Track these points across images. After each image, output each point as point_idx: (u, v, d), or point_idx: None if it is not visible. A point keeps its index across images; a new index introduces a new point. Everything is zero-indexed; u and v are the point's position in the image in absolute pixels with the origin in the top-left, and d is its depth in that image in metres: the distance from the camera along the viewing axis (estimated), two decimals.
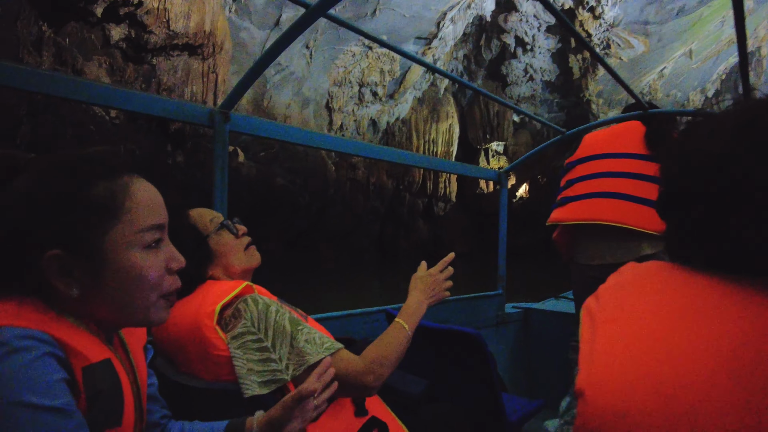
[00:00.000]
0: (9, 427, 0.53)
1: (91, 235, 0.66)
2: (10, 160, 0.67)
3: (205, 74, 11.83)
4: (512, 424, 1.68)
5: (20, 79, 1.28)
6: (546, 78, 23.45)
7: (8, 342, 0.56)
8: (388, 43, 1.81)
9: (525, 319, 3.07)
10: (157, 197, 0.74)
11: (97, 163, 0.69)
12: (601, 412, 0.52)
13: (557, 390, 2.61)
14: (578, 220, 2.09)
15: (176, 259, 0.76)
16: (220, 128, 1.67)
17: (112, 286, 0.68)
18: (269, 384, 1.03)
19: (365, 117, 21.21)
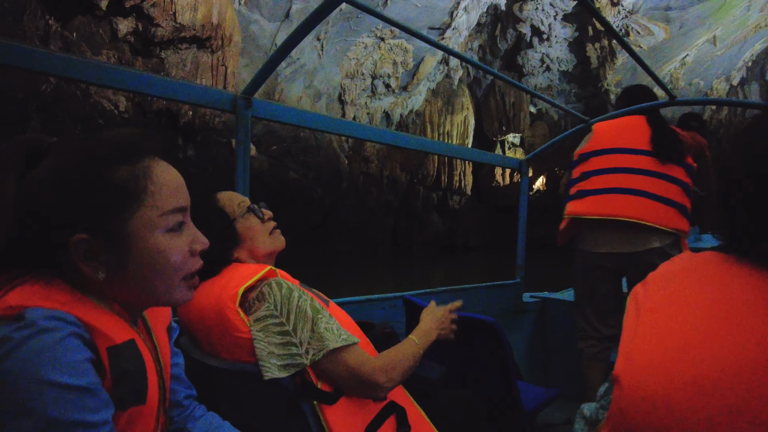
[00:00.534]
0: (35, 405, 0.53)
1: (115, 219, 0.67)
2: (35, 145, 0.67)
3: (215, 67, 11.73)
4: (528, 413, 1.69)
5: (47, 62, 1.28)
6: (563, 68, 22.93)
7: (35, 322, 0.57)
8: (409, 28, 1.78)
9: (543, 309, 3.07)
10: (179, 180, 0.74)
11: (118, 146, 0.69)
12: (637, 400, 0.52)
13: (574, 379, 2.51)
14: (599, 215, 2.12)
15: (199, 240, 0.76)
16: (242, 113, 1.67)
17: (137, 269, 0.69)
18: (288, 368, 1.04)
19: (378, 109, 20.98)
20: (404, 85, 20.91)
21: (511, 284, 2.94)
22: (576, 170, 2.29)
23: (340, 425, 1.07)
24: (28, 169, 0.66)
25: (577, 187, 2.23)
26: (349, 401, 1.11)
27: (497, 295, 2.84)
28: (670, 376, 0.50)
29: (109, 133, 0.72)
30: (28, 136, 0.69)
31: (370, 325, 1.43)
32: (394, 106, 21.59)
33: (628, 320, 0.60)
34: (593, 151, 2.23)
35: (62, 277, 0.66)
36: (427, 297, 2.44)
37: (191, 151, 12.92)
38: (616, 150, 2.17)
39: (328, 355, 1.06)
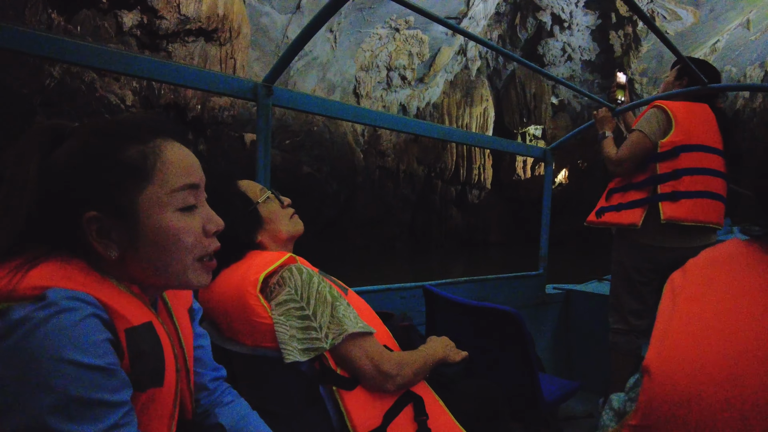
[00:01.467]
0: (56, 383, 0.54)
1: (125, 196, 0.68)
2: (57, 129, 0.70)
3: (223, 60, 11.58)
4: (548, 404, 1.68)
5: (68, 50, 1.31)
6: (585, 57, 22.17)
7: (56, 302, 0.58)
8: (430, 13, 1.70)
9: (566, 301, 3.04)
10: (190, 158, 0.74)
11: (129, 126, 0.71)
12: (667, 392, 0.51)
13: (596, 372, 2.58)
14: (695, 222, 2.09)
15: (213, 221, 0.76)
16: (263, 102, 1.68)
17: (149, 248, 0.69)
18: (308, 351, 1.05)
19: (394, 102, 20.64)
20: (421, 77, 20.51)
21: (533, 275, 2.91)
22: (664, 165, 2.13)
23: (359, 411, 1.08)
24: (51, 151, 0.68)
25: (670, 187, 2.11)
26: (366, 390, 1.11)
27: (520, 286, 2.82)
28: (705, 371, 0.49)
29: (125, 114, 0.75)
30: (53, 122, 0.71)
31: (388, 315, 1.43)
32: (411, 99, 21.21)
33: (664, 308, 0.58)
34: (683, 145, 2.12)
35: (80, 257, 0.67)
36: (447, 287, 2.43)
37: (202, 145, 12.86)
38: (703, 148, 2.12)
39: (346, 340, 1.07)
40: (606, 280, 3.22)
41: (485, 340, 1.65)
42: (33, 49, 1.28)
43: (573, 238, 24.23)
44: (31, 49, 1.28)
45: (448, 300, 1.71)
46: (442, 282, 2.39)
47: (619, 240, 2.32)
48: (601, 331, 2.42)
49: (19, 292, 0.59)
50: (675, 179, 2.11)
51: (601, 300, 2.83)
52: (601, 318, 2.47)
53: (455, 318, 1.74)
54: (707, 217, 2.09)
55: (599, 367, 2.46)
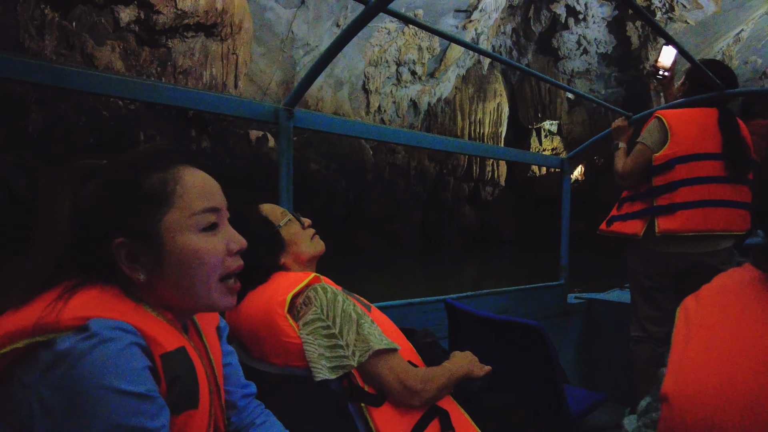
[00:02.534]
0: (101, 411, 0.57)
1: (148, 222, 0.72)
2: (88, 167, 0.75)
3: (225, 56, 11.37)
4: (574, 416, 1.66)
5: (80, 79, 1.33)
6: (601, 50, 21.40)
7: (99, 333, 0.61)
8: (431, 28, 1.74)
9: (588, 310, 3.01)
10: (209, 182, 0.78)
11: (150, 157, 0.76)
12: (688, 422, 0.50)
13: (621, 383, 2.61)
14: (695, 231, 2.10)
15: (236, 240, 0.79)
16: (284, 124, 1.71)
17: (174, 269, 0.72)
18: (337, 369, 1.07)
19: (404, 98, 20.28)
20: (431, 72, 20.10)
21: (555, 286, 2.88)
22: (659, 178, 2.17)
23: (387, 427, 1.09)
24: (82, 187, 0.73)
25: (665, 200, 2.15)
26: (393, 404, 1.12)
27: (541, 297, 2.79)
28: (723, 399, 0.48)
29: (147, 146, 0.81)
30: (84, 161, 0.76)
31: (411, 331, 1.45)
32: (422, 94, 20.81)
33: (678, 334, 0.58)
34: (678, 157, 2.13)
35: (114, 283, 0.71)
36: (469, 300, 2.43)
37: (206, 142, 12.68)
38: (699, 156, 2.10)
39: (373, 357, 1.09)
40: (628, 288, 3.12)
41: (509, 354, 1.65)
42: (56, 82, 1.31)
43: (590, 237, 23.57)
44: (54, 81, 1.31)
45: (471, 314, 1.71)
46: (464, 295, 2.40)
47: (628, 247, 2.33)
48: (625, 340, 2.40)
49: (62, 323, 0.61)
50: (671, 191, 2.13)
51: (623, 309, 2.80)
52: (625, 327, 2.49)
53: (478, 332, 1.74)
54: (707, 225, 2.08)
55: (625, 377, 2.44)
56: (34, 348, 0.61)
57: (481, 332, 1.72)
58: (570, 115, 24.73)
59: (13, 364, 0.61)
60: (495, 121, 24.44)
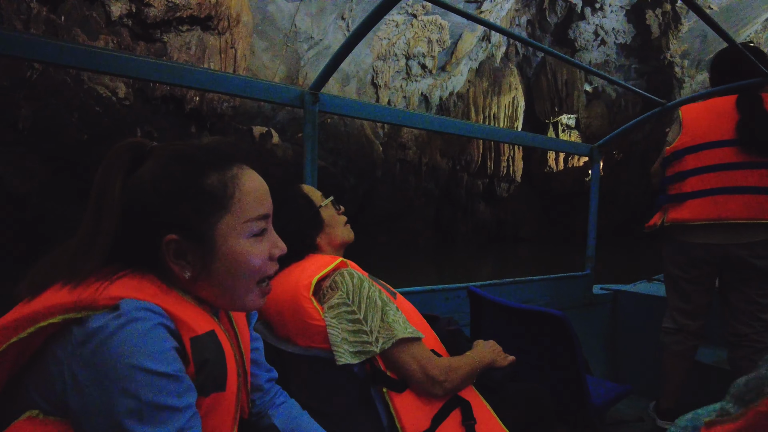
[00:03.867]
0: (129, 387, 0.58)
1: (204, 223, 0.71)
2: (138, 148, 0.73)
3: (223, 50, 11.16)
4: (597, 408, 1.67)
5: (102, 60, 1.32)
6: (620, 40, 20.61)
7: (127, 312, 0.62)
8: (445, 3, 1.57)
9: (614, 302, 3.00)
10: (263, 187, 0.78)
11: (209, 154, 0.74)
12: None
13: (647, 376, 2.63)
14: (703, 220, 2.05)
15: (279, 246, 0.80)
16: (309, 109, 1.73)
17: (220, 271, 0.73)
18: (359, 354, 1.08)
19: (415, 92, 19.87)
20: (442, 65, 19.64)
21: (580, 276, 2.86)
22: (670, 169, 2.18)
23: (408, 413, 1.10)
24: (132, 170, 0.71)
25: (675, 189, 2.15)
26: (414, 393, 1.13)
27: (565, 287, 2.79)
28: None
29: (201, 140, 0.77)
30: (132, 140, 0.74)
31: (434, 318, 1.45)
32: (433, 89, 20.38)
33: None
34: (686, 148, 2.11)
35: (155, 273, 0.71)
36: (493, 289, 2.40)
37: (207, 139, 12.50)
38: (709, 145, 2.05)
39: (397, 345, 1.10)
40: (656, 281, 3.14)
41: (532, 343, 1.63)
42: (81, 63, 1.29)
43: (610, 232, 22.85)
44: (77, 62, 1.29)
45: (494, 302, 1.69)
46: (487, 283, 2.38)
47: (660, 237, 2.32)
48: (651, 333, 2.37)
49: (97, 302, 0.63)
50: (680, 181, 2.12)
51: (650, 301, 2.78)
52: (651, 320, 2.42)
53: (501, 320, 1.73)
54: (722, 213, 2.00)
55: (650, 370, 2.44)
56: (69, 324, 0.62)
57: (504, 321, 1.71)
58: (588, 108, 23.96)
59: (50, 338, 0.64)
60: (510, 116, 23.85)
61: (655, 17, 18.62)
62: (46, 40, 1.26)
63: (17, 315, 0.64)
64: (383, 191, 20.09)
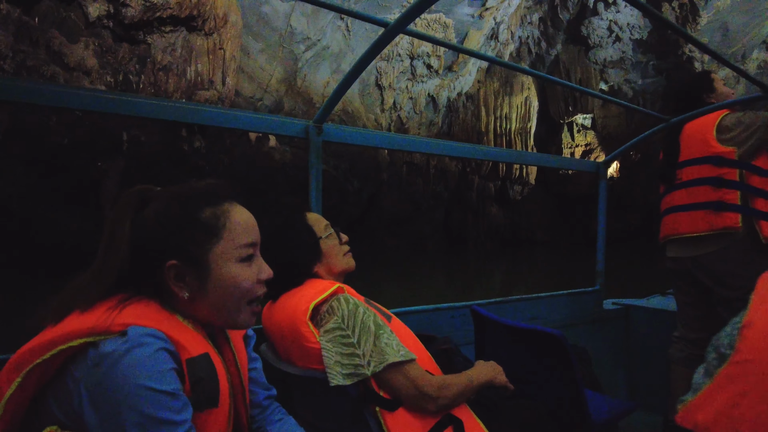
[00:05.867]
0: (136, 403, 0.68)
1: (200, 249, 0.82)
2: (145, 193, 0.86)
3: (211, 51, 10.91)
4: (599, 425, 1.68)
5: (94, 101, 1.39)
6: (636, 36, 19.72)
7: (134, 338, 0.71)
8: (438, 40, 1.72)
9: (626, 317, 2.96)
10: (251, 220, 0.90)
11: (205, 193, 0.87)
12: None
13: (659, 392, 2.57)
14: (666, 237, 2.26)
15: (265, 270, 0.91)
16: (314, 140, 1.81)
17: (214, 291, 0.83)
18: (352, 377, 1.13)
19: (422, 93, 19.41)
20: (449, 65, 19.14)
21: (590, 292, 2.84)
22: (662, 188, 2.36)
23: (400, 431, 1.13)
24: (139, 210, 0.83)
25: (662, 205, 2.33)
26: (409, 410, 1.16)
27: (575, 303, 2.78)
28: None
29: (198, 182, 0.89)
30: (141, 187, 0.86)
31: (431, 338, 1.50)
32: (440, 89, 19.88)
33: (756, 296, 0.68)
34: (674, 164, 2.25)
35: (156, 299, 0.81)
36: (498, 306, 2.42)
37: (199, 142, 12.30)
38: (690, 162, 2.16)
39: (387, 368, 1.14)
40: (670, 294, 3.07)
41: (533, 362, 1.65)
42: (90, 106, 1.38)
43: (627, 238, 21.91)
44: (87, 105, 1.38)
45: (495, 321, 1.72)
46: (492, 301, 2.40)
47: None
48: (664, 348, 2.40)
49: (109, 328, 0.72)
50: (663, 198, 2.31)
51: (664, 316, 2.76)
52: (665, 335, 2.46)
53: (502, 339, 1.75)
54: (671, 231, 2.19)
55: (663, 387, 2.43)
56: (86, 347, 0.72)
57: (505, 339, 1.73)
58: (604, 108, 23.08)
59: (68, 359, 0.72)
60: (523, 116, 23.17)
61: (671, 10, 17.71)
62: (68, 89, 1.35)
63: (43, 339, 0.73)
64: (389, 194, 19.66)
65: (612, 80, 21.95)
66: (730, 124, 2.07)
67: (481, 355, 1.78)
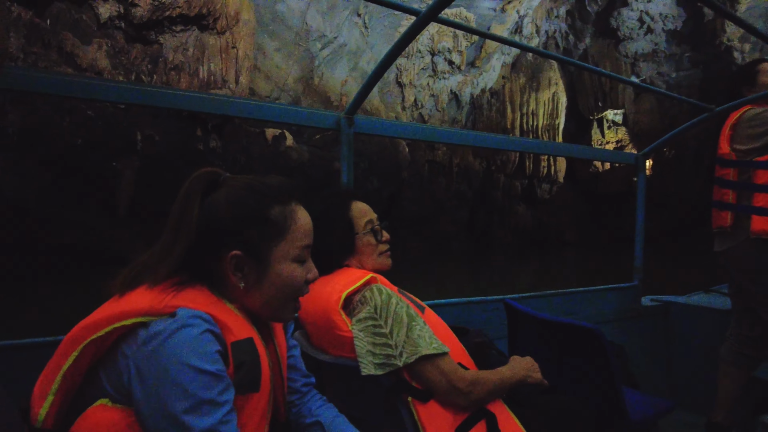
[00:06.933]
0: (178, 380, 0.70)
1: (265, 245, 0.86)
2: (214, 176, 0.88)
3: (224, 50, 10.88)
4: (636, 423, 1.65)
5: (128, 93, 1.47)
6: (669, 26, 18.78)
7: (181, 319, 0.74)
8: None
9: (665, 314, 2.93)
10: (310, 223, 0.93)
11: (276, 190, 0.88)
12: None
13: (701, 392, 2.61)
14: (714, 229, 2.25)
15: (313, 271, 0.94)
16: (345, 132, 1.83)
17: (268, 286, 0.87)
18: (383, 366, 1.13)
19: (444, 90, 19.04)
20: (471, 61, 18.70)
21: (627, 287, 2.82)
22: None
23: (432, 422, 1.13)
24: (207, 194, 0.85)
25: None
26: (439, 404, 1.15)
27: (612, 299, 2.75)
28: None
29: (269, 178, 0.91)
30: (208, 170, 0.89)
31: (463, 330, 1.50)
32: (463, 86, 19.46)
33: None
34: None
35: (208, 284, 0.84)
36: (533, 301, 2.41)
37: (215, 142, 12.31)
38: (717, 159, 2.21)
39: (420, 360, 1.14)
40: (714, 292, 2.99)
41: (567, 357, 1.62)
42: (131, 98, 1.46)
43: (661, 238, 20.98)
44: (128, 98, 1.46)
45: (529, 315, 1.69)
46: (527, 295, 2.41)
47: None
48: (708, 347, 2.37)
49: (160, 310, 0.76)
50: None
51: (707, 314, 2.71)
52: (709, 333, 2.42)
53: (536, 333, 1.72)
54: (714, 224, 2.20)
55: (705, 386, 2.42)
56: (137, 327, 0.75)
57: (539, 334, 1.71)
58: (636, 103, 22.15)
59: (120, 338, 0.76)
60: (551, 112, 22.51)
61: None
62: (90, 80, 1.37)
63: (97, 317, 0.77)
64: (410, 193, 19.36)
65: (644, 74, 21.02)
66: (749, 117, 2.08)
67: (514, 350, 1.76)
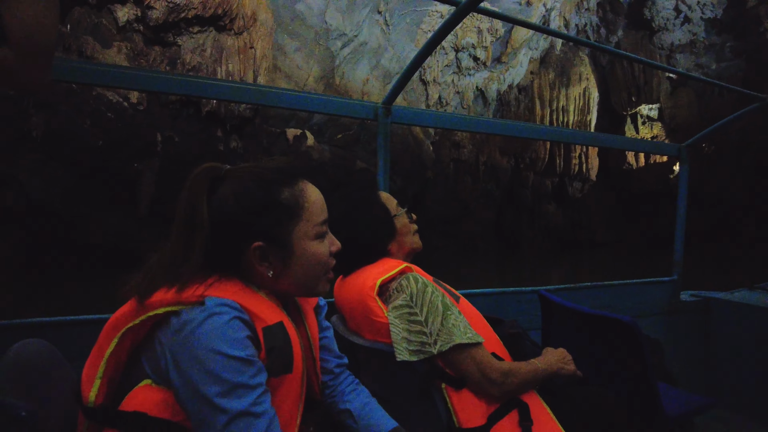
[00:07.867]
0: (209, 367, 0.72)
1: (284, 230, 0.86)
2: (215, 171, 0.86)
3: (241, 50, 10.90)
4: (672, 419, 1.64)
5: (174, 84, 1.55)
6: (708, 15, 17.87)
7: (210, 308, 0.76)
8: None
9: (705, 310, 2.88)
10: (322, 198, 0.93)
11: (281, 173, 0.88)
12: None
13: (738, 390, 2.69)
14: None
15: (335, 243, 0.96)
16: (382, 122, 1.85)
17: (296, 268, 0.88)
18: (418, 353, 1.15)
19: (469, 87, 18.67)
20: (497, 57, 18.26)
21: (666, 281, 2.80)
22: None
23: (465, 409, 1.16)
24: (212, 190, 0.84)
25: None
26: (473, 392, 1.17)
27: (650, 293, 2.74)
28: None
29: (269, 162, 0.90)
30: (207, 166, 0.86)
31: (498, 320, 1.50)
32: (489, 82, 19.03)
33: None
34: None
35: (237, 276, 0.85)
36: (567, 293, 2.40)
37: (235, 143, 12.38)
38: None
39: (454, 348, 1.15)
40: (759, 289, 2.92)
41: (601, 349, 1.62)
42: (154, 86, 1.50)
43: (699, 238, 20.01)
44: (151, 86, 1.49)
45: (563, 306, 1.69)
46: (562, 287, 2.40)
47: None
48: (750, 346, 2.34)
49: (190, 299, 0.78)
50: None
51: (751, 311, 2.64)
52: (752, 330, 2.42)
53: (570, 325, 1.72)
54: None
55: (745, 385, 2.39)
56: (169, 315, 0.77)
57: (573, 325, 1.70)
58: (673, 97, 21.18)
59: (155, 325, 0.79)
60: (582, 108, 21.82)
61: None
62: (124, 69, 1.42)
63: (132, 306, 0.79)
64: (436, 193, 19.07)
65: (681, 66, 20.05)
66: None
67: (548, 341, 1.76)
